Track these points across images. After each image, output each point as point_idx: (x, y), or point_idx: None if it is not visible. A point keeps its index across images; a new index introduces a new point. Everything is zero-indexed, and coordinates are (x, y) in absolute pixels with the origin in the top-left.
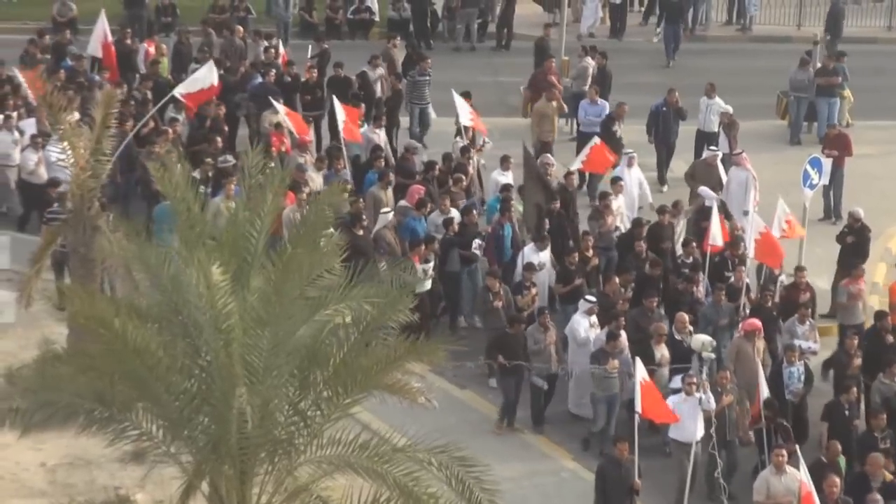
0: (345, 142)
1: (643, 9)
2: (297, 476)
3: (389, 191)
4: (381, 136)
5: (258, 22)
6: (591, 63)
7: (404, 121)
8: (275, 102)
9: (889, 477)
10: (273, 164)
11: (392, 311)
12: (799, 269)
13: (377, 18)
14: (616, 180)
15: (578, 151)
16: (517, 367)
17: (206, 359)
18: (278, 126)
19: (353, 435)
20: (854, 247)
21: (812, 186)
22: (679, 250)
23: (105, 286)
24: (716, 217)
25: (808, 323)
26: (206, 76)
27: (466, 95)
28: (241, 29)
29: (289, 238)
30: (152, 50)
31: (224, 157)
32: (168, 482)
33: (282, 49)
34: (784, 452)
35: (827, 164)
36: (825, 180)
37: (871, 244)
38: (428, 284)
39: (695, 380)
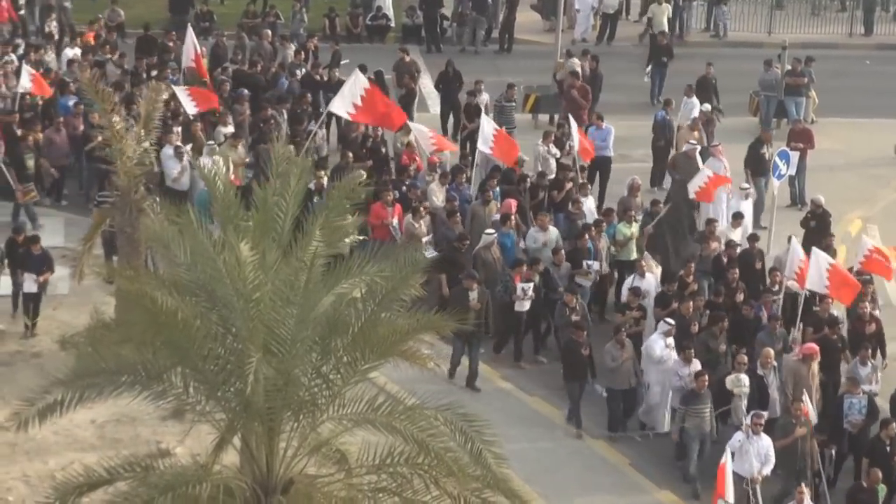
0: (437, 153)
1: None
2: (320, 432)
3: (492, 206)
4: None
5: (285, 27)
6: (576, 63)
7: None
8: (409, 122)
9: None
10: None
11: (404, 285)
12: (861, 300)
13: (393, 24)
14: (738, 216)
15: (591, 176)
16: (581, 372)
17: (236, 328)
18: (409, 146)
19: (370, 395)
20: (816, 230)
21: (780, 177)
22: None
23: (148, 263)
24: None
25: (869, 365)
26: (355, 89)
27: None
28: (269, 33)
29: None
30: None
31: (357, 172)
32: (204, 437)
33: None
34: (762, 421)
35: (793, 156)
36: (792, 171)
37: (831, 228)
38: (527, 305)
39: (762, 420)
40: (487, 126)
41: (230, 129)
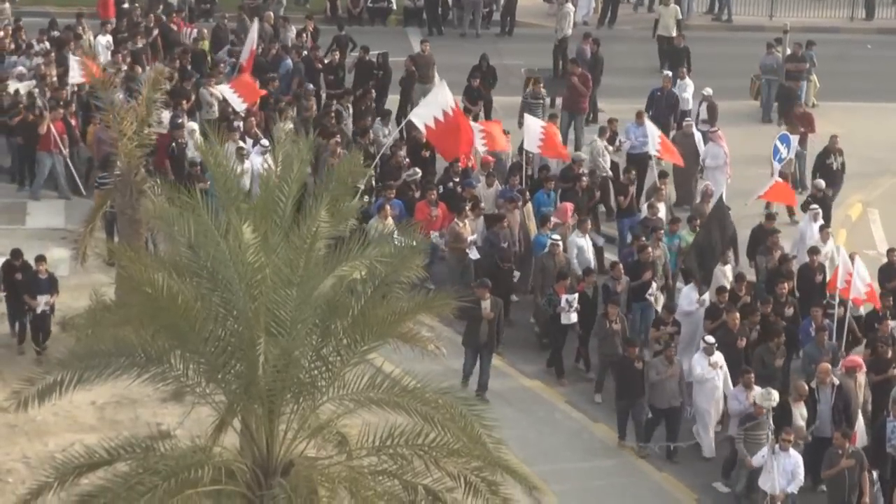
0: (490, 152)
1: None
2: (320, 414)
3: (528, 206)
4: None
5: (288, 10)
6: (571, 9)
7: None
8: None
9: None
10: None
11: (403, 268)
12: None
13: (394, 7)
14: (815, 251)
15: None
16: (630, 391)
17: (237, 310)
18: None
19: (369, 377)
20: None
21: (781, 160)
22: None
23: (149, 244)
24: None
25: None
26: (439, 104)
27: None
28: (271, 15)
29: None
30: (205, 31)
31: (413, 170)
32: (204, 419)
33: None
34: (790, 437)
35: (793, 140)
36: (792, 154)
37: (831, 211)
38: (573, 317)
39: (791, 436)
40: (534, 123)
41: (289, 124)
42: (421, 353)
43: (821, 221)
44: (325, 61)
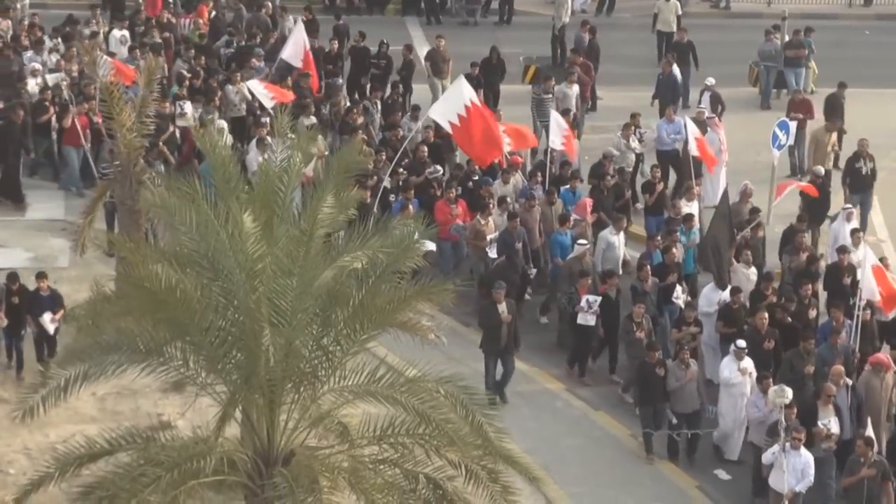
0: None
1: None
2: (321, 404)
3: (559, 204)
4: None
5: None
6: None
7: None
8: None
9: None
10: None
11: (404, 258)
12: None
13: None
14: (844, 250)
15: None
16: (652, 398)
17: (238, 301)
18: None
19: (371, 367)
20: (816, 200)
21: (780, 147)
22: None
23: (149, 235)
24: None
25: None
26: (458, 99)
27: (565, 114)
28: (269, 5)
29: None
30: (202, 20)
31: (434, 168)
32: (205, 410)
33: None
34: (802, 436)
35: (792, 126)
36: (791, 141)
37: (830, 198)
38: (591, 319)
39: (802, 435)
40: (559, 121)
41: (312, 120)
42: (421, 341)
43: (854, 223)
44: (327, 50)
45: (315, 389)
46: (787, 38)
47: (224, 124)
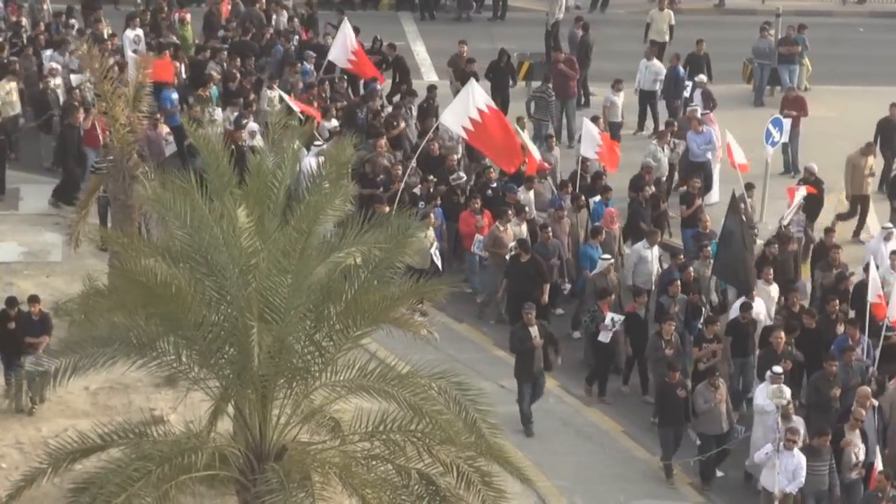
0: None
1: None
2: (313, 399)
3: (583, 213)
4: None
5: None
6: None
7: None
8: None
9: None
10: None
11: (398, 253)
12: None
13: None
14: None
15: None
16: (676, 418)
17: (231, 296)
18: (522, 148)
19: (363, 363)
20: (810, 198)
21: (773, 144)
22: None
23: (142, 229)
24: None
25: None
26: (469, 104)
27: (595, 120)
28: (263, 0)
29: None
30: (188, 17)
31: (458, 174)
32: (197, 405)
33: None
34: (797, 438)
35: (786, 123)
36: (784, 138)
37: (824, 195)
38: (606, 337)
39: (797, 437)
40: (593, 129)
41: (334, 123)
42: (414, 338)
43: (893, 245)
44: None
45: (307, 385)
46: (780, 35)
47: (256, 127)
